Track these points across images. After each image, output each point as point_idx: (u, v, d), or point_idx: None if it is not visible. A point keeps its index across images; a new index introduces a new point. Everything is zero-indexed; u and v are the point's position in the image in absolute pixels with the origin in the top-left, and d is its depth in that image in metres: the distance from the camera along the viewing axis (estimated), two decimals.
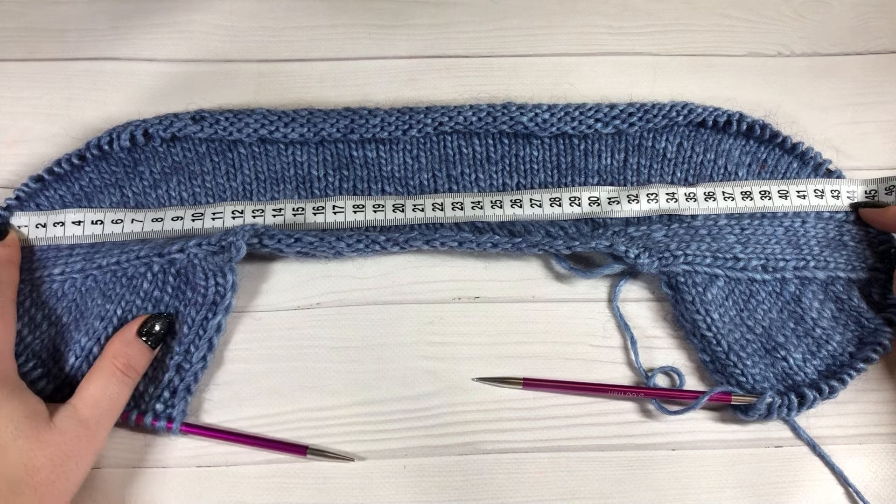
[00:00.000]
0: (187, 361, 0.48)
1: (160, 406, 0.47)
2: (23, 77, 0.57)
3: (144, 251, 0.49)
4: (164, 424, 0.47)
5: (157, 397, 0.48)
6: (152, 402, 0.48)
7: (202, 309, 0.49)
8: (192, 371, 0.48)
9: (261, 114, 0.53)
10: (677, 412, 0.48)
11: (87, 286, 0.50)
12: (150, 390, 0.48)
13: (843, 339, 0.50)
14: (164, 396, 0.48)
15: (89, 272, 0.50)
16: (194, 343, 0.48)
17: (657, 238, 0.52)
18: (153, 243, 0.50)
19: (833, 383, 0.48)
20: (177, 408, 0.47)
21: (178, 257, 0.49)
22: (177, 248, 0.49)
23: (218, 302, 0.49)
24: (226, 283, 0.49)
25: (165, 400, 0.48)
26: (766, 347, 0.50)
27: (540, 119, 0.54)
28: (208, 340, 0.48)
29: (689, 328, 0.51)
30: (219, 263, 0.48)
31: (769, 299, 0.51)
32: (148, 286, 0.50)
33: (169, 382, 0.48)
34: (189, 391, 0.48)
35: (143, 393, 0.48)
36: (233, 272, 0.49)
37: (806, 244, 0.52)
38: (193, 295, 0.49)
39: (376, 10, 0.61)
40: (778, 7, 0.62)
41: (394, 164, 0.55)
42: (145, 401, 0.48)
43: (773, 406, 0.47)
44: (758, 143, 0.55)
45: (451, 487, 0.47)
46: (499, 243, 0.50)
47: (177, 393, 0.48)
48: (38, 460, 0.40)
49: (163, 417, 0.47)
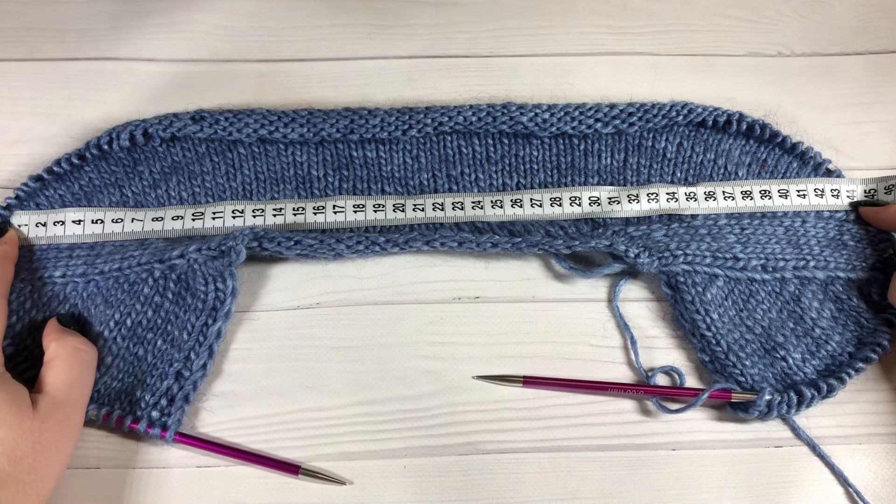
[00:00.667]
0: (187, 369, 0.48)
1: (156, 414, 0.47)
2: (23, 77, 0.57)
3: (146, 257, 0.49)
4: (158, 433, 0.46)
5: (153, 405, 0.47)
6: (148, 410, 0.47)
7: (202, 314, 0.49)
8: (191, 379, 0.47)
9: (260, 114, 0.53)
10: (677, 410, 0.48)
11: (89, 291, 0.50)
12: (147, 397, 0.47)
13: (842, 339, 0.50)
14: (160, 404, 0.47)
15: (91, 277, 0.50)
16: (194, 350, 0.48)
17: (657, 237, 0.52)
18: (153, 248, 0.50)
19: (832, 382, 0.48)
20: (172, 416, 0.47)
21: (178, 263, 0.49)
22: (177, 254, 0.49)
23: (218, 307, 0.48)
24: (225, 289, 0.48)
25: (162, 408, 0.47)
26: (766, 347, 0.50)
27: (540, 119, 0.54)
28: (209, 347, 0.48)
29: (689, 328, 0.51)
30: (219, 268, 0.48)
31: (769, 299, 0.51)
32: (149, 291, 0.50)
33: (167, 390, 0.47)
34: (187, 400, 0.47)
35: (140, 399, 0.47)
36: (233, 277, 0.48)
37: (806, 244, 0.52)
38: (193, 300, 0.49)
39: (376, 10, 0.61)
40: (778, 7, 0.62)
41: (394, 164, 0.55)
42: (141, 408, 0.47)
43: (773, 403, 0.47)
44: (758, 142, 0.55)
45: (451, 487, 0.47)
46: (498, 243, 0.50)
47: (174, 401, 0.47)
48: (21, 449, 0.39)
49: (157, 425, 0.46)
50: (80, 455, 0.47)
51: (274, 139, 0.53)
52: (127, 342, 0.49)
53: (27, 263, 0.50)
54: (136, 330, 0.49)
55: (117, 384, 0.48)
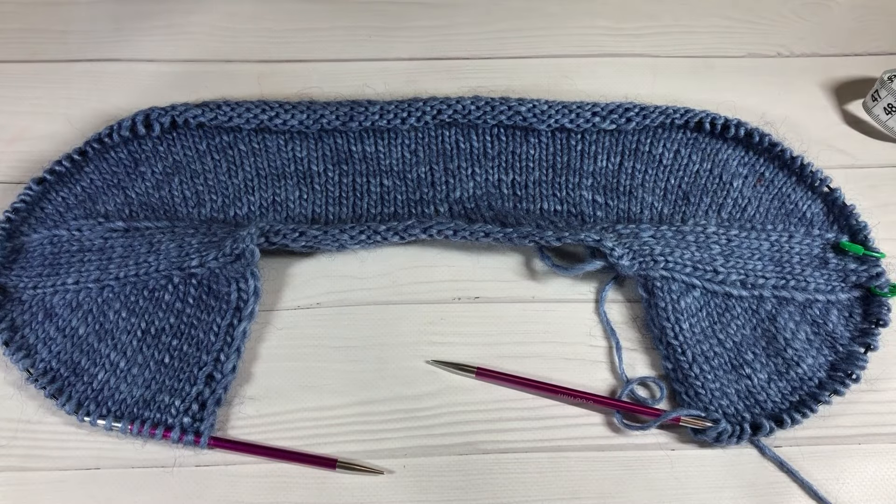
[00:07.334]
0: (219, 371, 0.47)
1: (188, 420, 0.46)
2: (25, 78, 0.58)
3: (163, 264, 0.49)
4: (192, 439, 0.46)
5: (184, 411, 0.46)
6: (180, 417, 0.46)
7: (227, 315, 0.48)
8: (223, 382, 0.47)
9: (261, 102, 0.54)
10: (633, 428, 0.48)
11: (104, 297, 0.50)
12: (177, 403, 0.47)
13: (814, 363, 0.50)
14: (192, 409, 0.46)
15: (105, 283, 0.49)
16: (223, 352, 0.48)
17: (644, 238, 0.51)
18: (165, 251, 0.50)
19: (795, 416, 0.47)
20: (205, 421, 0.46)
21: (198, 271, 0.49)
22: (196, 263, 0.49)
23: (241, 307, 0.48)
24: (248, 289, 0.48)
25: (194, 413, 0.46)
26: (733, 363, 0.50)
27: (538, 110, 0.54)
28: (237, 349, 0.48)
29: (657, 334, 0.51)
30: (239, 269, 0.48)
31: (744, 315, 0.51)
32: (170, 298, 0.50)
33: (198, 395, 0.47)
34: (218, 403, 0.47)
35: (170, 406, 0.47)
36: (255, 277, 0.49)
37: (788, 262, 0.52)
38: (217, 303, 0.49)
39: (377, 12, 0.61)
40: (777, 8, 0.62)
41: (392, 158, 0.55)
42: (172, 414, 0.46)
43: (724, 435, 0.47)
44: (757, 154, 0.55)
45: (451, 487, 0.47)
46: (491, 233, 0.51)
47: (206, 406, 0.47)
48: None
49: (190, 432, 0.46)
50: (80, 455, 0.47)
51: (274, 127, 0.54)
52: (152, 350, 0.49)
53: (35, 271, 0.50)
54: (160, 337, 0.49)
55: (144, 392, 0.48)
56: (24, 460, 0.47)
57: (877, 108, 0.57)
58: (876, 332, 0.50)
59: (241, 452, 0.47)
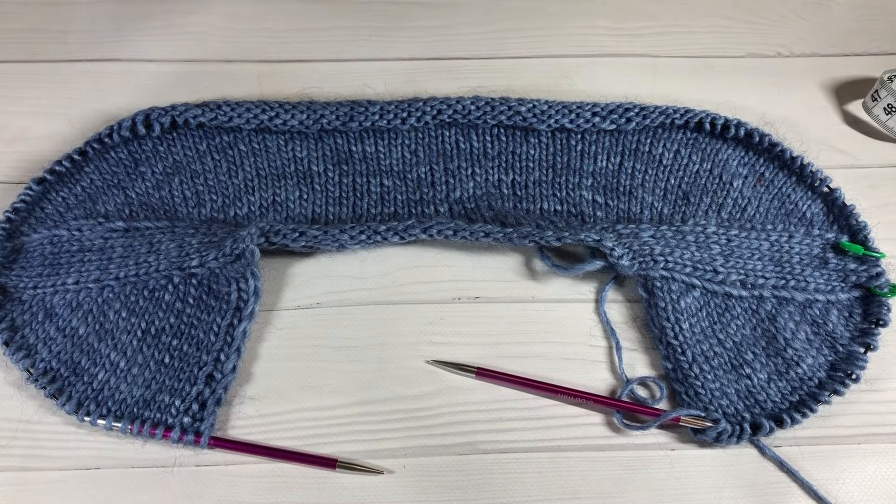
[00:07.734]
0: (219, 371, 0.47)
1: (188, 420, 0.46)
2: (25, 78, 0.58)
3: (163, 264, 0.49)
4: (192, 439, 0.46)
5: (184, 411, 0.47)
6: (180, 417, 0.46)
7: (227, 315, 0.49)
8: (223, 382, 0.47)
9: (261, 102, 0.54)
10: (632, 428, 0.48)
11: (104, 297, 0.50)
12: (177, 403, 0.47)
13: (814, 363, 0.50)
14: (192, 409, 0.47)
15: (106, 283, 0.49)
16: (224, 352, 0.48)
17: (644, 238, 0.51)
18: (165, 250, 0.50)
19: (795, 416, 0.47)
20: (205, 421, 0.46)
21: (198, 272, 0.49)
22: (196, 263, 0.49)
23: (241, 307, 0.48)
24: (248, 289, 0.48)
25: (194, 413, 0.46)
26: (733, 363, 0.50)
27: (538, 110, 0.54)
28: (237, 349, 0.48)
29: (657, 334, 0.51)
30: (239, 269, 0.48)
31: (744, 315, 0.51)
32: (170, 298, 0.50)
33: (198, 395, 0.47)
34: (219, 403, 0.47)
35: (170, 406, 0.47)
36: (255, 277, 0.49)
37: (788, 262, 0.52)
38: (217, 302, 0.49)
39: (377, 12, 0.61)
40: (777, 8, 0.62)
41: (392, 158, 0.55)
42: (172, 414, 0.47)
43: (724, 435, 0.47)
44: (757, 154, 0.55)
45: (451, 487, 0.47)
46: (491, 233, 0.51)
47: (206, 405, 0.47)
48: None
49: (191, 431, 0.46)
50: (80, 455, 0.47)
51: (274, 127, 0.54)
52: (152, 350, 0.49)
53: (35, 271, 0.50)
54: (160, 337, 0.49)
55: (144, 392, 0.48)
56: (24, 460, 0.47)
57: (877, 108, 0.57)
58: (876, 332, 0.50)
59: (241, 452, 0.47)
